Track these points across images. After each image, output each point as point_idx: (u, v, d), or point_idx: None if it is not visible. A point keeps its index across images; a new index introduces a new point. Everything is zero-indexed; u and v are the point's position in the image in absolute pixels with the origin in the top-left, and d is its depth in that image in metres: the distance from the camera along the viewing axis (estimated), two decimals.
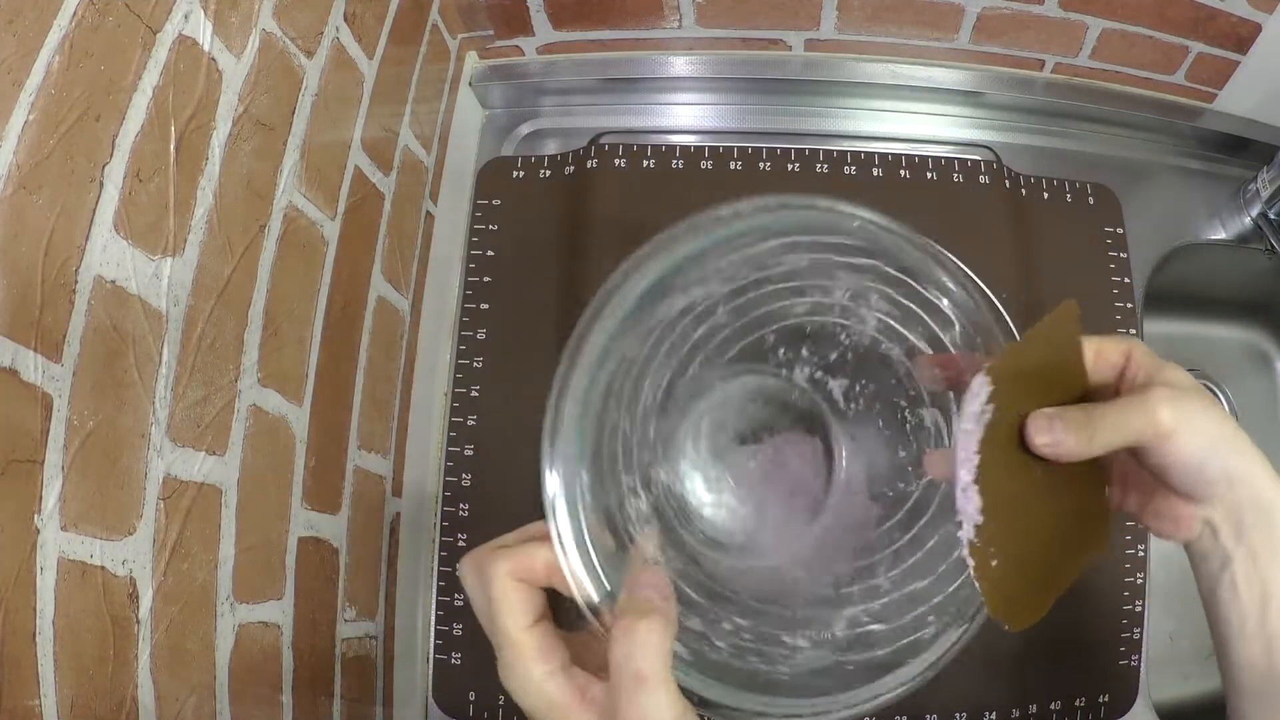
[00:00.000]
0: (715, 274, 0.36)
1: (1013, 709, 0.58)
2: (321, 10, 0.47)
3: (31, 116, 0.28)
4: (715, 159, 0.67)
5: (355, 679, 0.53)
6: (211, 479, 0.39)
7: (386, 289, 0.57)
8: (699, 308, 0.40)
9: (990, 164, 0.68)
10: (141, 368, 0.34)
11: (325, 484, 0.49)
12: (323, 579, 0.49)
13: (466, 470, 0.62)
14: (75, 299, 0.30)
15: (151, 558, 0.34)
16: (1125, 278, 0.66)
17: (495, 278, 0.65)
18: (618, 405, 0.38)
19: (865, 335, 0.42)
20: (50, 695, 0.29)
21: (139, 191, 0.33)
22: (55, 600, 0.29)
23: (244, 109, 0.40)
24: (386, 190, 0.56)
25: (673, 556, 0.40)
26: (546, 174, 0.68)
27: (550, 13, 0.67)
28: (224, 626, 0.39)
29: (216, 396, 0.39)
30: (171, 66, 0.35)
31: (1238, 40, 0.64)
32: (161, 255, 0.35)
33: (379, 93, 0.54)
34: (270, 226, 0.43)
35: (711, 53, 0.71)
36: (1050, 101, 0.70)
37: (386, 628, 0.57)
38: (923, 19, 0.66)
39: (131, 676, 0.33)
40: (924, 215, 0.66)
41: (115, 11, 0.32)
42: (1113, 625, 0.60)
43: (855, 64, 0.70)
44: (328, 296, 0.49)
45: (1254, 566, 0.35)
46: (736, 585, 0.41)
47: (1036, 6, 0.64)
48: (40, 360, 0.29)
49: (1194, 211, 0.71)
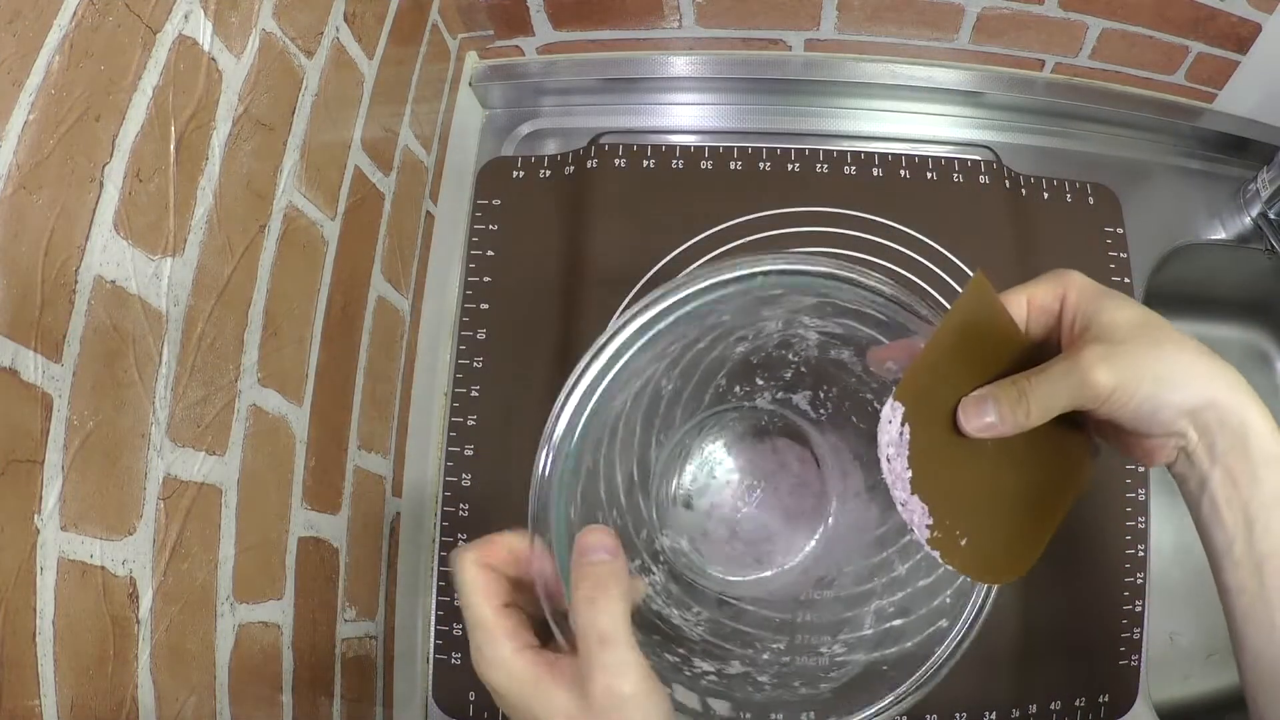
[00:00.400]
0: (650, 361, 0.37)
1: (1013, 709, 0.58)
2: (321, 10, 0.47)
3: (31, 116, 0.28)
4: (715, 159, 0.67)
5: (355, 679, 0.53)
6: (211, 479, 0.39)
7: (386, 289, 0.57)
8: (646, 390, 0.41)
9: (990, 164, 0.68)
10: (141, 368, 0.34)
11: (325, 484, 0.49)
12: (323, 579, 0.49)
13: (466, 470, 0.62)
14: (75, 299, 0.30)
15: (151, 558, 0.34)
16: (1125, 278, 0.66)
17: (495, 278, 0.65)
18: (601, 503, 0.39)
19: (811, 348, 0.42)
20: (50, 695, 0.29)
21: (139, 191, 0.33)
22: (55, 600, 0.29)
23: (244, 109, 0.40)
24: (386, 190, 0.56)
25: (699, 611, 0.41)
26: (546, 174, 0.68)
27: (550, 13, 0.67)
28: (224, 626, 0.39)
29: (216, 396, 0.39)
30: (171, 66, 0.35)
31: (1238, 40, 0.64)
32: (161, 255, 0.35)
33: (379, 93, 0.54)
34: (270, 226, 0.43)
35: (711, 53, 0.71)
36: (1050, 101, 0.70)
37: (386, 628, 0.57)
38: (923, 19, 0.66)
39: (131, 676, 0.33)
40: (924, 215, 0.66)
41: (115, 11, 0.32)
42: (1113, 625, 0.60)
43: (855, 64, 0.70)
44: (328, 296, 0.49)
45: (1234, 490, 0.33)
46: (765, 613, 0.42)
47: (1036, 6, 0.64)
48: (40, 360, 0.29)
49: (1194, 211, 0.71)
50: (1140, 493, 0.62)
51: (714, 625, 0.41)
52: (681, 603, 0.42)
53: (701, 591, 0.43)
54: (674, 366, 0.41)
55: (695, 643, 0.40)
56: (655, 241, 0.65)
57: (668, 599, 0.41)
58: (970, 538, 0.33)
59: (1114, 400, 0.32)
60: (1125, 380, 0.32)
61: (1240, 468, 0.33)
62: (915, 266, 0.65)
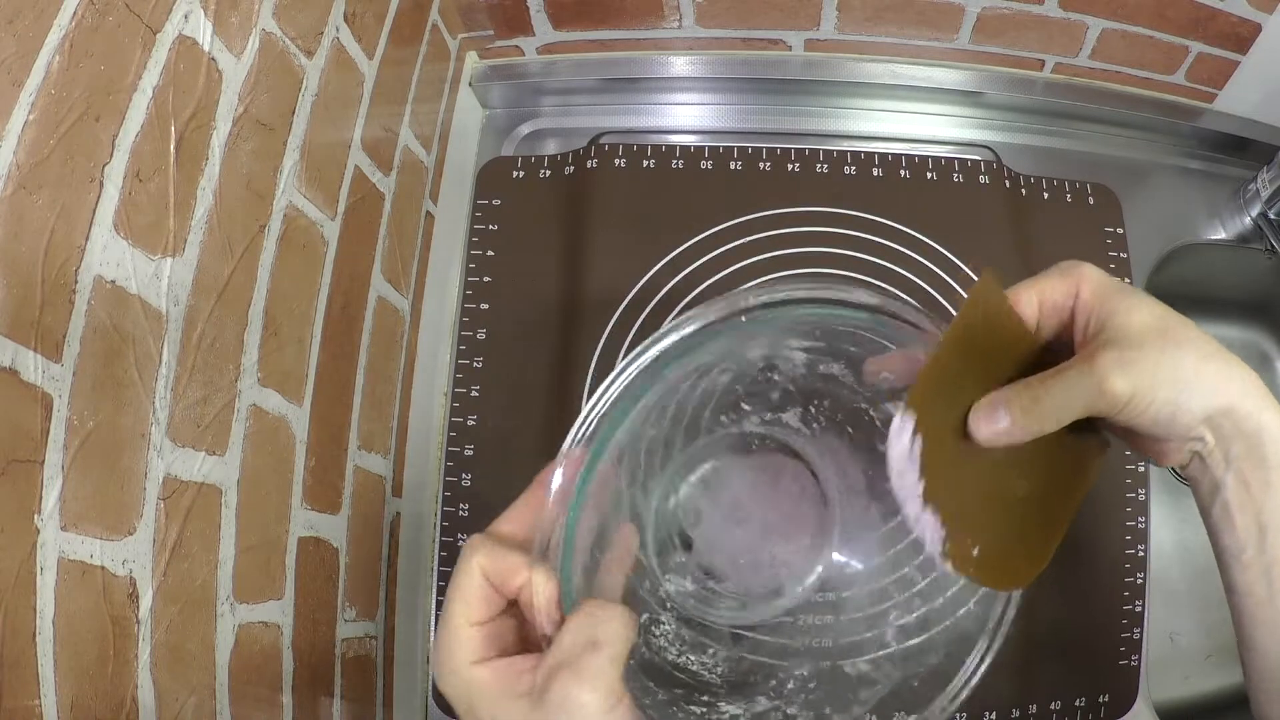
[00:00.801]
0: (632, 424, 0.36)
1: (1013, 709, 0.58)
2: (321, 10, 0.47)
3: (31, 116, 0.28)
4: (715, 159, 0.67)
5: (355, 679, 0.53)
6: (211, 479, 0.39)
7: (386, 289, 0.57)
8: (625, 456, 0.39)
9: (990, 164, 0.68)
10: (141, 368, 0.34)
11: (325, 484, 0.49)
12: (323, 579, 0.49)
13: (466, 470, 0.61)
14: (75, 299, 0.30)
15: (151, 558, 0.34)
16: (1125, 278, 0.66)
17: (495, 278, 0.65)
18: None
19: (798, 368, 0.41)
20: (50, 695, 0.29)
21: (139, 191, 0.33)
22: (55, 600, 0.29)
23: (244, 109, 0.40)
24: (386, 190, 0.56)
25: (714, 651, 0.40)
26: (546, 174, 0.68)
27: (550, 13, 0.67)
28: (224, 626, 0.39)
29: (216, 396, 0.39)
30: (171, 66, 0.35)
31: (1238, 40, 0.64)
32: (161, 255, 0.35)
33: (379, 93, 0.54)
34: (270, 226, 0.43)
35: (711, 53, 0.71)
36: (1050, 101, 0.70)
37: (386, 628, 0.57)
38: (923, 19, 0.66)
39: (131, 676, 0.33)
40: (924, 215, 0.66)
41: (115, 11, 0.32)
42: (1113, 625, 0.60)
43: (855, 64, 0.70)
44: (328, 296, 0.49)
45: (1247, 495, 0.33)
46: (783, 640, 0.41)
47: (1036, 6, 0.64)
48: (40, 360, 0.29)
49: (1194, 211, 0.71)
50: (1140, 493, 0.62)
51: (733, 663, 0.40)
52: (697, 646, 0.41)
53: (715, 630, 0.42)
54: (659, 414, 0.40)
55: (718, 686, 0.39)
56: (655, 241, 0.65)
57: (681, 646, 0.40)
58: (983, 545, 0.32)
59: (1131, 408, 0.31)
60: (1142, 388, 0.31)
61: (1255, 474, 0.32)
62: (915, 266, 0.65)
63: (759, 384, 0.43)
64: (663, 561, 0.43)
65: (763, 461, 0.45)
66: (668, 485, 0.44)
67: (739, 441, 0.45)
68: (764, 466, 0.45)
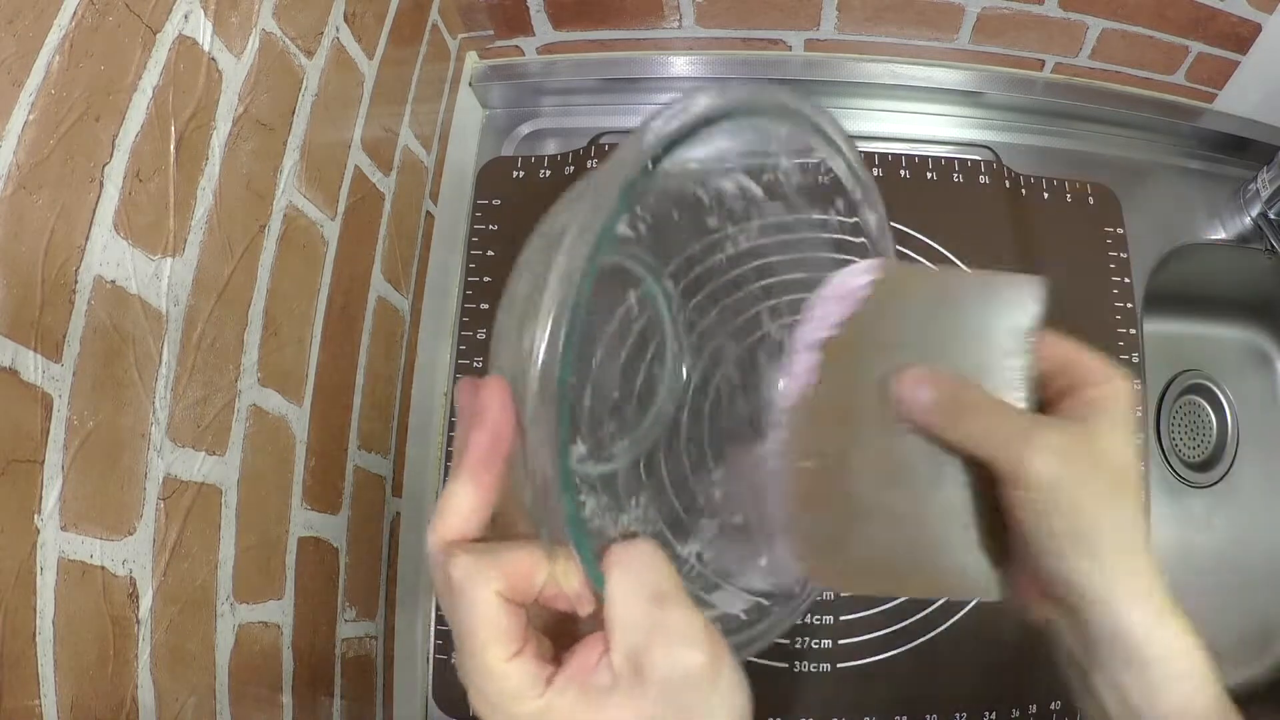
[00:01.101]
0: None
1: (1013, 709, 0.58)
2: (321, 10, 0.47)
3: (31, 116, 0.28)
4: None
5: (355, 679, 0.53)
6: (211, 479, 0.39)
7: (386, 289, 0.57)
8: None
9: (990, 164, 0.68)
10: (141, 368, 0.34)
11: (325, 484, 0.49)
12: (323, 579, 0.49)
13: None
14: (75, 299, 0.30)
15: (151, 558, 0.34)
16: (1125, 278, 0.66)
17: (495, 278, 0.65)
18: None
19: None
20: (50, 695, 0.29)
21: (139, 191, 0.33)
22: (55, 600, 0.29)
23: (244, 109, 0.40)
24: (386, 190, 0.56)
25: (636, 499, 0.36)
26: (546, 174, 0.68)
27: (550, 13, 0.67)
28: (224, 626, 0.39)
29: (216, 396, 0.39)
30: (171, 66, 0.35)
31: (1238, 40, 0.64)
32: (161, 255, 0.35)
33: (379, 93, 0.54)
34: (270, 226, 0.43)
35: (711, 53, 0.71)
36: (1050, 101, 0.70)
37: (386, 628, 0.57)
38: (923, 19, 0.67)
39: (131, 676, 0.33)
40: (924, 215, 0.66)
41: (115, 11, 0.32)
42: None
43: (855, 64, 0.70)
44: (328, 296, 0.49)
45: (1125, 708, 0.29)
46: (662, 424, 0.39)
47: (1036, 6, 0.64)
48: (40, 360, 0.29)
49: (1194, 211, 0.71)
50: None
51: (655, 499, 0.37)
52: (616, 506, 0.36)
53: (614, 484, 0.37)
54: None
55: (656, 533, 0.35)
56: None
57: (608, 515, 0.36)
58: (815, 477, 0.30)
59: (1032, 500, 0.27)
60: (1049, 492, 0.27)
61: (1136, 685, 0.28)
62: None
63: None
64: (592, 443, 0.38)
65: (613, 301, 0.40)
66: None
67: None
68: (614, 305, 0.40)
